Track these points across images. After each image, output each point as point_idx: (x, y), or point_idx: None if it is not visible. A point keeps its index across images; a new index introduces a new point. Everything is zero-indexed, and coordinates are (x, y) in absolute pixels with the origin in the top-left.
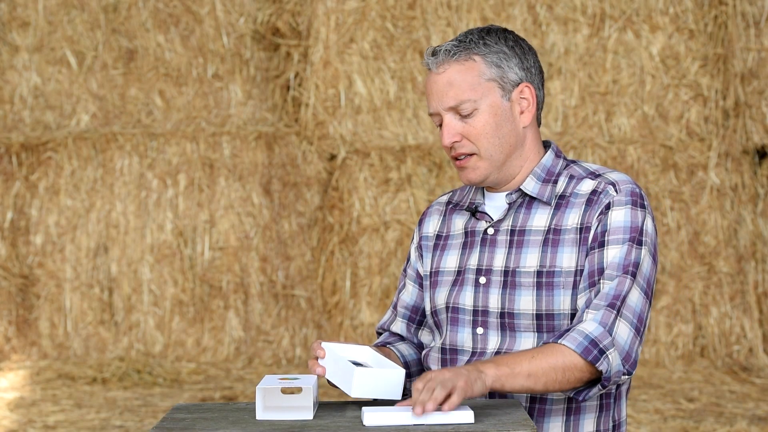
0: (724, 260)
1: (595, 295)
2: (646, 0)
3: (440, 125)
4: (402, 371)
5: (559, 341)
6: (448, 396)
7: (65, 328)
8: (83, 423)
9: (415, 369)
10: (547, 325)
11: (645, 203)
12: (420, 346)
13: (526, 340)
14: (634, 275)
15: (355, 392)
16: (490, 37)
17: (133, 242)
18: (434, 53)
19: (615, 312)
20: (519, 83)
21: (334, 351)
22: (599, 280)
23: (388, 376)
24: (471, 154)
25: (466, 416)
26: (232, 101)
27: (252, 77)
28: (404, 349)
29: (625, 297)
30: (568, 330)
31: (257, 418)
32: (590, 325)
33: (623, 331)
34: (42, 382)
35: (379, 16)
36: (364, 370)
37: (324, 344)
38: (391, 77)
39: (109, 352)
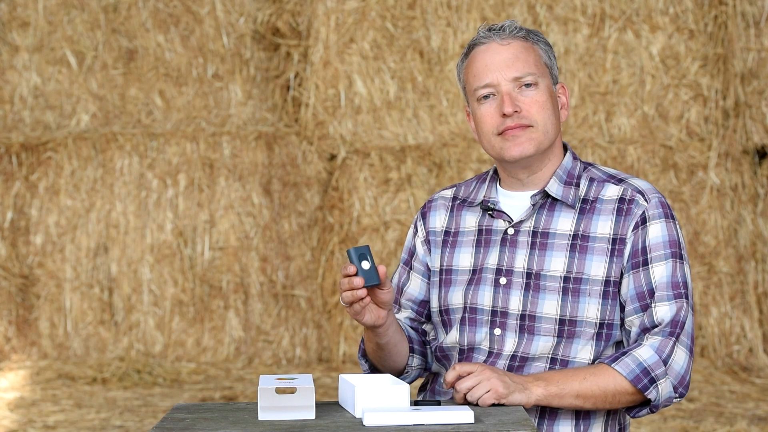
0: (724, 260)
1: (650, 320)
2: (646, 0)
3: (485, 98)
4: (406, 386)
5: (612, 365)
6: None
7: (65, 328)
8: (83, 423)
9: (417, 347)
10: (568, 331)
11: (673, 212)
12: (422, 335)
13: (544, 344)
14: (686, 296)
15: (359, 411)
16: (537, 33)
17: (133, 242)
18: (493, 29)
19: (674, 339)
20: (557, 82)
21: (346, 379)
22: (651, 303)
23: (392, 392)
24: (528, 126)
25: (466, 416)
26: (232, 101)
27: (252, 77)
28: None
29: (683, 322)
30: (624, 353)
31: (259, 418)
32: (646, 351)
33: (680, 357)
34: (42, 382)
35: (379, 16)
36: (364, 389)
37: (341, 376)
38: (391, 77)
39: (109, 352)
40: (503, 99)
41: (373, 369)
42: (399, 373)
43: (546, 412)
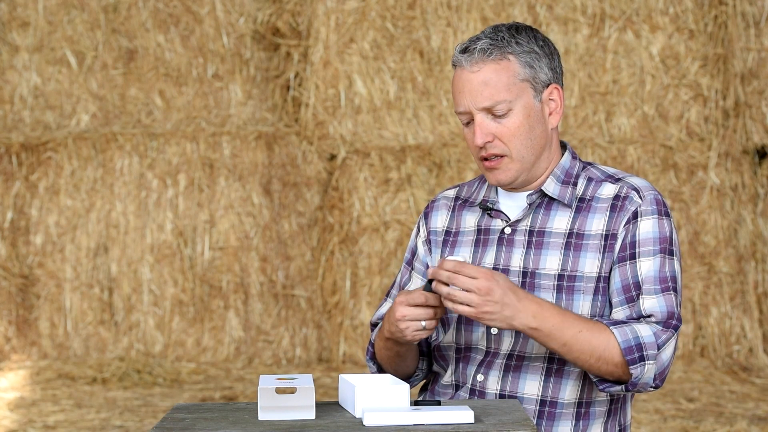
0: (724, 260)
1: (637, 312)
2: (646, 0)
3: (467, 124)
4: (406, 386)
5: (611, 327)
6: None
7: (65, 328)
8: (83, 423)
9: (425, 349)
10: None
11: (669, 211)
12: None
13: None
14: (675, 290)
15: (359, 411)
16: (521, 36)
17: (133, 242)
18: (466, 50)
19: (672, 331)
20: (548, 84)
21: (346, 379)
22: (638, 295)
23: (392, 392)
24: (501, 156)
25: (466, 416)
26: (232, 101)
27: (252, 77)
28: None
29: (679, 315)
30: (624, 322)
31: (259, 418)
32: (645, 330)
33: (669, 350)
34: (42, 382)
35: (379, 16)
36: (364, 389)
37: (341, 376)
38: (391, 77)
39: (109, 352)
40: (475, 130)
41: (382, 372)
42: (409, 376)
43: (545, 413)
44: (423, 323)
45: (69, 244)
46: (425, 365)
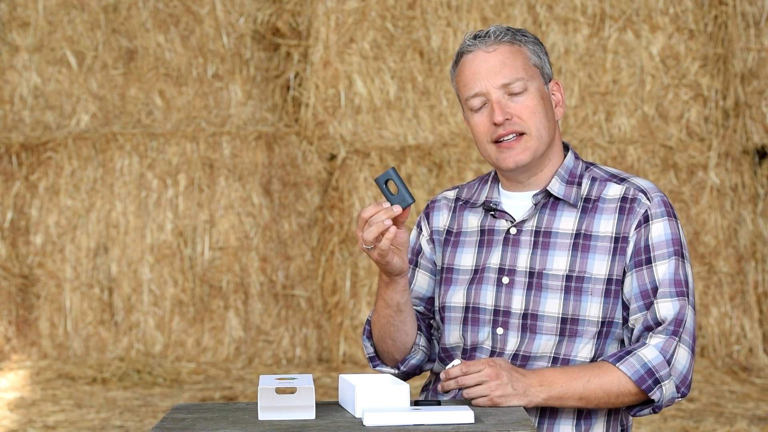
0: (724, 260)
1: (653, 317)
2: (646, 0)
3: (478, 110)
4: (406, 386)
5: (617, 365)
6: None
7: (65, 328)
8: (83, 423)
9: (424, 328)
10: (570, 330)
11: (675, 211)
12: (429, 328)
13: (546, 342)
14: (687, 294)
15: (359, 411)
16: (526, 32)
17: (133, 242)
18: (478, 36)
19: (677, 339)
20: (550, 79)
21: (346, 379)
22: (654, 300)
23: (392, 392)
24: (521, 134)
25: (466, 416)
26: (232, 101)
27: (252, 77)
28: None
29: (684, 321)
30: (628, 352)
31: (259, 418)
32: (650, 352)
33: (682, 357)
34: (42, 382)
35: (379, 16)
36: (364, 389)
37: (341, 376)
38: (391, 77)
39: (109, 352)
40: (493, 108)
41: (377, 353)
42: (407, 351)
43: (546, 412)
44: (384, 243)
45: (69, 244)
46: (422, 342)
